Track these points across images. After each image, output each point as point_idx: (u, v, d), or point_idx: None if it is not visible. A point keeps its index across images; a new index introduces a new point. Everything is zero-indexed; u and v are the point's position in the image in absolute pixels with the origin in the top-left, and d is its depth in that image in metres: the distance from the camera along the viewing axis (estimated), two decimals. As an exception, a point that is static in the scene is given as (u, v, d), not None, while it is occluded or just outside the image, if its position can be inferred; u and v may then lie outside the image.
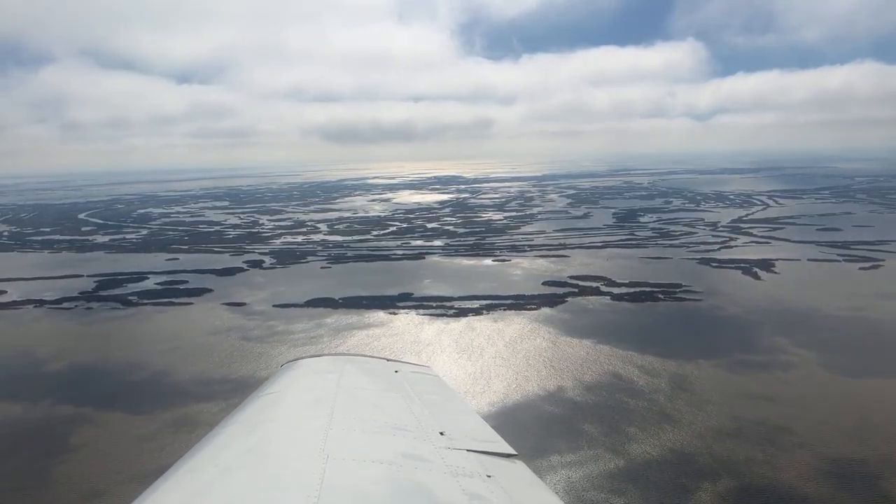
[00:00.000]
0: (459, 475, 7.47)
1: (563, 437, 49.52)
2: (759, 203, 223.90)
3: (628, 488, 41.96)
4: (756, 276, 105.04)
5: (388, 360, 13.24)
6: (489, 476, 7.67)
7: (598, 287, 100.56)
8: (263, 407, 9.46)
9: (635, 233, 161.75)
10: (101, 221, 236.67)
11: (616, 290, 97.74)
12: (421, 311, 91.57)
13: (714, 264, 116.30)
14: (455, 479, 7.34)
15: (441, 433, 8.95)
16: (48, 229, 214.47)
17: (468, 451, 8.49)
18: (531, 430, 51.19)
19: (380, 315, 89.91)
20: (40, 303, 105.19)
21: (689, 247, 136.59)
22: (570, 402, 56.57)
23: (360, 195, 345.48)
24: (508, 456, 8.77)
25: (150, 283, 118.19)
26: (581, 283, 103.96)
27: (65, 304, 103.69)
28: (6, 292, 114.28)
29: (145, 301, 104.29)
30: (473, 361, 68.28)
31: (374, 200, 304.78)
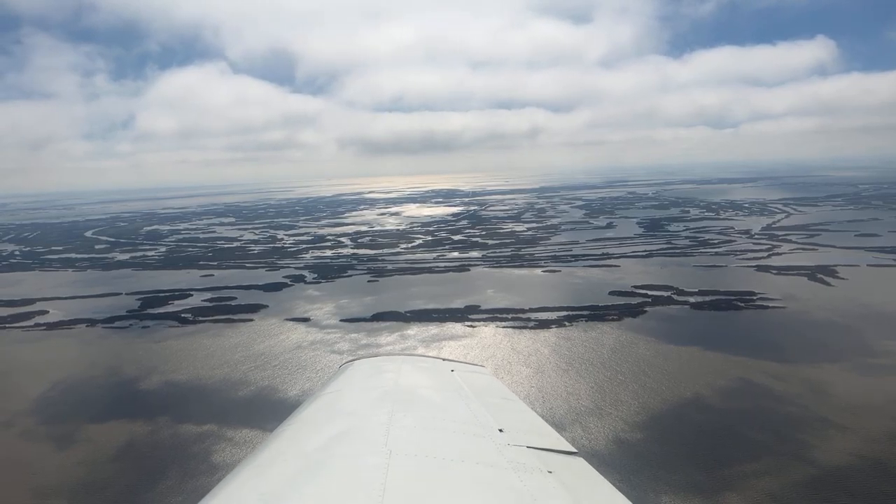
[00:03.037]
0: (520, 471, 7.48)
1: (732, 447, 47.47)
2: (778, 211, 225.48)
3: (838, 497, 40.06)
4: (825, 283, 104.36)
5: (443, 359, 13.24)
6: (550, 472, 7.63)
7: (670, 296, 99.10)
8: (326, 405, 9.68)
9: (672, 241, 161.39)
10: (112, 239, 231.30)
11: (691, 300, 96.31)
12: (498, 322, 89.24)
13: (773, 271, 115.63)
14: (516, 473, 7.36)
15: (500, 430, 8.98)
16: (60, 248, 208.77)
17: (528, 447, 8.48)
18: (693, 439, 49.11)
19: (458, 327, 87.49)
20: (91, 322, 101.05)
21: (735, 254, 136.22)
22: (717, 410, 54.67)
23: (365, 209, 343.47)
24: (569, 453, 8.69)
25: (196, 300, 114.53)
26: (649, 292, 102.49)
27: (117, 324, 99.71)
28: (48, 312, 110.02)
29: (201, 318, 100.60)
30: (587, 372, 66.15)
31: (383, 214, 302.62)
